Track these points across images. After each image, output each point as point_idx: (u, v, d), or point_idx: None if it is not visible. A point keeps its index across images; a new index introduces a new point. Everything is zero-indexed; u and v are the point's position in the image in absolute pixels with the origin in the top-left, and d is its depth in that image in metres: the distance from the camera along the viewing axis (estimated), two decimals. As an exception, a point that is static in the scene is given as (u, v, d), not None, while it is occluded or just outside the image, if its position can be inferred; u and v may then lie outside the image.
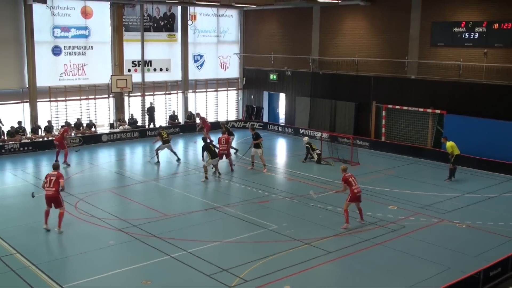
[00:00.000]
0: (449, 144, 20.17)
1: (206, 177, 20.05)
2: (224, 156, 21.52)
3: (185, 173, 21.36)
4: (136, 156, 25.52)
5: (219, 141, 21.62)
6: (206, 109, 33.98)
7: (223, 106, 34.87)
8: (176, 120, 31.61)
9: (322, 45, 30.08)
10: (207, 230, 14.97)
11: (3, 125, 25.86)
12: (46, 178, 14.30)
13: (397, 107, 26.20)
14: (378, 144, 26.57)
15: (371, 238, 14.18)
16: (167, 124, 31.16)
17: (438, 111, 24.67)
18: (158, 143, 23.63)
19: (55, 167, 14.52)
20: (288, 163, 24.23)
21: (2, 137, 25.42)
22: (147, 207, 16.81)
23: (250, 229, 14.87)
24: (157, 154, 23.14)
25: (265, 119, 34.11)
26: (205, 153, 20.22)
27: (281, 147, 28.43)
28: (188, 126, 31.51)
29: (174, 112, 31.81)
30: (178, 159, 23.16)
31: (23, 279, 11.52)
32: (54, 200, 14.14)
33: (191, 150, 26.47)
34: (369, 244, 13.82)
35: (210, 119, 33.93)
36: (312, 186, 19.60)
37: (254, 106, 34.48)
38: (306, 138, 24.16)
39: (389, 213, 16.35)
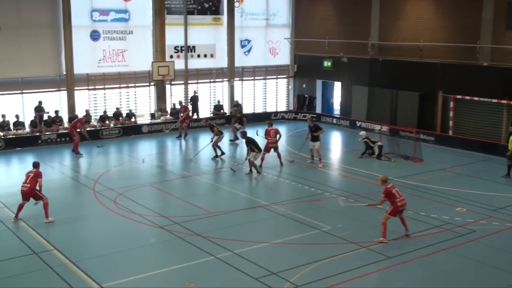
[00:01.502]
0: None
1: (258, 172, 20.27)
2: (273, 149, 21.62)
3: (229, 168, 21.56)
4: (178, 148, 25.87)
5: (268, 133, 21.77)
6: (254, 99, 34.14)
7: (272, 95, 34.98)
8: (221, 111, 31.92)
9: (383, 28, 29.75)
10: (254, 230, 15.11)
11: (47, 112, 26.72)
12: (26, 175, 15.52)
13: (467, 97, 25.71)
14: (444, 139, 26.20)
15: (436, 243, 13.99)
16: (212, 115, 31.54)
17: None
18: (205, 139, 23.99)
19: (34, 165, 15.63)
20: (343, 158, 24.21)
21: (39, 126, 26.32)
22: (190, 204, 17.07)
23: (301, 229, 14.89)
24: (216, 148, 23.25)
25: (318, 110, 34.04)
26: (249, 147, 20.38)
27: (336, 141, 28.39)
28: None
29: (219, 101, 32.12)
30: (222, 153, 23.36)
31: (60, 277, 11.94)
32: (31, 196, 15.21)
33: (236, 142, 26.64)
34: (434, 250, 13.63)
35: (258, 109, 34.10)
36: (369, 184, 19.49)
37: (306, 96, 34.46)
38: (363, 133, 24.01)
39: (456, 216, 16.11)
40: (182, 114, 28.06)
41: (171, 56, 30.61)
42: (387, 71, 29.33)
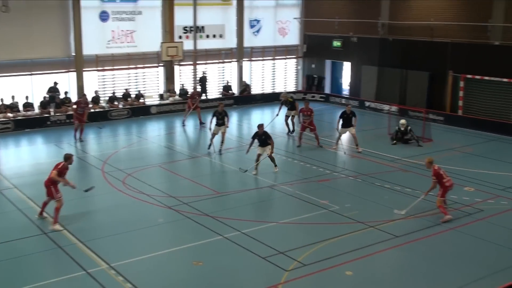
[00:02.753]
0: None
1: (256, 168, 18.21)
2: (309, 129, 21.60)
3: (238, 148, 21.63)
4: (187, 129, 25.91)
5: (303, 112, 21.65)
6: (263, 80, 34.05)
7: (281, 76, 34.88)
8: (230, 91, 31.90)
9: (393, 7, 29.51)
10: (262, 210, 15.24)
11: (58, 94, 26.78)
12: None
13: (478, 77, 25.59)
14: (454, 119, 26.11)
15: (443, 222, 14.05)
16: (221, 96, 31.53)
17: None
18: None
19: (64, 157, 13.89)
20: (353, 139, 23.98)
21: (48, 107, 26.41)
22: (199, 184, 17.13)
23: (310, 209, 14.96)
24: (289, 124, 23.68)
25: (327, 90, 33.93)
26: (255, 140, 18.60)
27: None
28: (244, 97, 31.84)
29: (227, 82, 32.08)
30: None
31: (70, 256, 12.07)
32: (47, 189, 13.72)
33: (245, 123, 26.66)
34: (441, 229, 13.69)
35: (267, 89, 34.04)
36: (377, 164, 19.51)
37: (315, 76, 34.31)
38: (404, 122, 22.49)
39: (464, 195, 16.13)
40: (196, 98, 26.40)
41: (180, 37, 30.53)
42: (397, 51, 29.13)
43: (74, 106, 23.66)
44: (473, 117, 25.63)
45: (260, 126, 18.34)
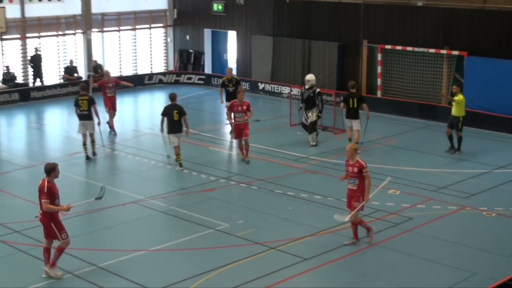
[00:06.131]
0: (459, 98, 20.22)
1: (180, 164, 19.24)
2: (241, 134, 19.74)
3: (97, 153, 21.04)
4: (16, 129, 25.21)
5: (234, 108, 19.68)
6: (120, 57, 33.60)
7: (145, 52, 34.64)
8: (75, 74, 31.33)
9: (289, -42, 29.92)
10: (125, 234, 15.00)
11: None
12: None
13: (398, 47, 26.40)
14: (372, 103, 25.36)
15: (363, 237, 14.14)
16: (62, 80, 30.94)
17: (456, 53, 24.94)
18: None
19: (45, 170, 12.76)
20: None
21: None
22: (35, 203, 16.40)
23: (191, 230, 14.86)
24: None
25: (208, 70, 34.09)
26: (165, 120, 19.27)
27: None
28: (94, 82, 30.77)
29: (71, 62, 31.49)
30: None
31: None
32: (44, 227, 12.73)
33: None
34: (361, 246, 13.90)
35: (126, 71, 33.68)
36: (277, 165, 19.69)
37: (190, 51, 34.38)
38: (311, 77, 22.24)
39: (389, 200, 16.48)
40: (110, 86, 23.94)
41: (1, 1, 29.42)
42: (296, 16, 29.62)
43: None
44: (395, 100, 26.44)
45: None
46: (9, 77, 29.39)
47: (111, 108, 23.36)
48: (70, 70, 31.34)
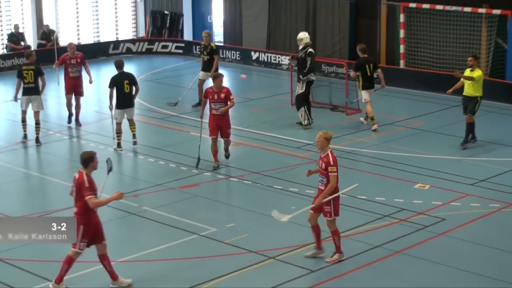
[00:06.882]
0: (479, 73, 19.23)
1: (119, 144, 19.28)
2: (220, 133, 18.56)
3: (46, 138, 20.63)
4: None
5: (209, 96, 18.00)
6: (78, 22, 32.83)
7: (109, 15, 34.09)
8: (22, 43, 30.63)
9: None
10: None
11: None
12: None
13: (426, 6, 25.88)
14: (393, 75, 25.76)
15: (384, 243, 13.79)
16: (5, 50, 30.55)
17: (497, 12, 24.38)
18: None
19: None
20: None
21: None
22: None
23: (168, 236, 14.50)
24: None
25: (187, 36, 33.52)
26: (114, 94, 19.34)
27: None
28: (45, 52, 29.02)
29: (17, 27, 30.76)
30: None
31: None
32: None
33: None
34: (383, 254, 13.41)
35: (87, 39, 33.07)
36: (277, 154, 19.14)
37: (165, 12, 33.94)
38: (305, 35, 21.22)
39: (415, 197, 16.04)
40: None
41: None
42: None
43: None
44: (422, 71, 26.02)
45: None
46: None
47: (74, 93, 21.50)
48: (16, 37, 30.66)
